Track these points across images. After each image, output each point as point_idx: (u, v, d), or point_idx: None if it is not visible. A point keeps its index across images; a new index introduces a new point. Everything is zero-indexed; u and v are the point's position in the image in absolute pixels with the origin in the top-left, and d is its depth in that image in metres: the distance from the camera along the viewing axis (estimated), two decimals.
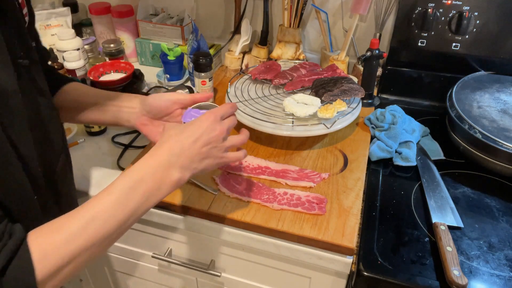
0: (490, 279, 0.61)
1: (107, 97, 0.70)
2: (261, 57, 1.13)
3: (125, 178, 0.50)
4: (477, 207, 0.74)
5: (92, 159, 0.87)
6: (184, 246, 0.83)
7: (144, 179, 0.50)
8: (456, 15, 0.95)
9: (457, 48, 0.99)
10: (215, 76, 1.15)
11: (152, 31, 1.21)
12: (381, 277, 0.62)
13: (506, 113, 0.84)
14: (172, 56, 1.10)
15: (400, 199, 0.76)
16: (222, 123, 0.57)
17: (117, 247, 0.91)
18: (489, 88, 0.93)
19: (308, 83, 0.93)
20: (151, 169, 0.51)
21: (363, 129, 0.94)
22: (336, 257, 0.67)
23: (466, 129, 0.81)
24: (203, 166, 0.55)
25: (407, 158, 0.83)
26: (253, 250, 0.75)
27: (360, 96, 0.88)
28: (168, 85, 1.12)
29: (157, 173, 0.51)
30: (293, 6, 1.07)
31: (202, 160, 0.55)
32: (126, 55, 1.26)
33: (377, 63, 0.99)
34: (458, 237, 0.68)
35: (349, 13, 1.12)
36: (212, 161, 0.56)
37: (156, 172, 0.51)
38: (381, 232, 0.69)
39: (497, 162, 0.77)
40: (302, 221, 0.69)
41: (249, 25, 1.12)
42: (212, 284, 0.87)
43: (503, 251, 0.66)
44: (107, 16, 1.24)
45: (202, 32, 1.05)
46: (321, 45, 1.19)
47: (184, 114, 0.64)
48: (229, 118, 0.59)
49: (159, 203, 0.71)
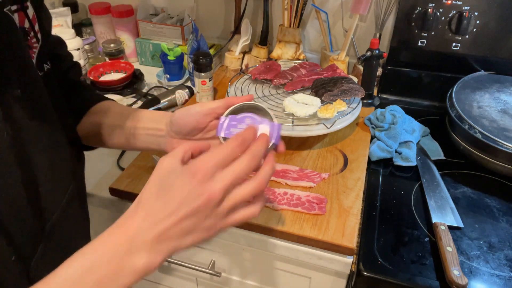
0: (490, 279, 0.61)
1: (133, 118, 0.59)
2: (261, 57, 1.13)
3: (71, 265, 0.37)
4: (477, 207, 0.74)
5: (92, 159, 0.87)
6: None
7: (95, 268, 0.36)
8: (456, 15, 0.95)
9: (457, 48, 0.99)
10: (215, 76, 1.15)
11: (152, 31, 1.21)
12: (381, 277, 0.62)
13: (506, 113, 0.84)
14: (172, 56, 1.10)
15: (400, 199, 0.76)
16: (219, 179, 0.39)
17: None
18: (489, 88, 0.93)
19: (308, 83, 0.93)
20: (106, 253, 0.37)
21: (363, 129, 0.94)
22: (336, 257, 0.67)
23: (466, 129, 0.81)
24: (187, 243, 0.39)
25: (407, 158, 0.83)
26: (253, 250, 0.75)
27: (360, 96, 0.88)
28: (168, 85, 1.12)
29: (114, 258, 0.37)
30: (293, 6, 1.07)
31: (184, 236, 0.39)
32: (126, 55, 1.26)
33: (377, 63, 0.99)
34: (458, 237, 0.68)
35: (349, 13, 1.12)
36: (202, 235, 0.40)
37: (113, 257, 0.37)
38: (381, 232, 0.69)
39: (497, 162, 0.77)
40: (302, 221, 0.69)
41: (249, 25, 1.12)
42: (212, 284, 0.87)
43: (503, 251, 0.66)
44: (107, 16, 1.24)
45: (202, 32, 1.05)
46: (321, 45, 1.19)
47: (218, 127, 0.49)
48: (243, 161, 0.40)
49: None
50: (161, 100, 0.99)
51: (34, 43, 0.48)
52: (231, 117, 0.50)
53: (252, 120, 0.49)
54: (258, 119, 0.49)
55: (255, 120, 0.49)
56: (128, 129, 0.59)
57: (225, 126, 0.49)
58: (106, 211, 0.81)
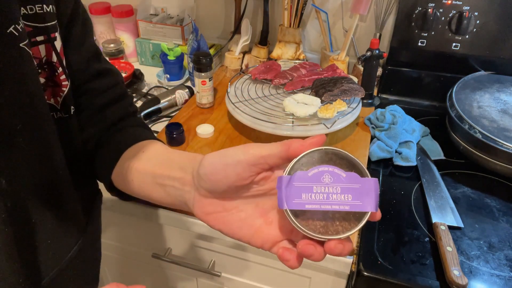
0: (490, 279, 0.61)
1: (159, 162, 0.45)
2: (261, 57, 1.13)
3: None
4: (477, 207, 0.74)
5: None
6: (184, 246, 0.83)
7: None
8: (456, 15, 0.95)
9: (457, 48, 0.99)
10: (215, 76, 1.15)
11: (152, 31, 1.21)
12: (381, 277, 0.62)
13: (506, 113, 0.84)
14: (172, 56, 1.10)
15: (400, 199, 0.76)
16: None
17: (117, 247, 0.91)
18: (489, 88, 0.92)
19: (308, 83, 0.93)
20: None
21: (363, 129, 0.94)
22: (336, 257, 0.67)
23: (466, 129, 0.81)
24: None
25: (407, 158, 0.83)
26: (253, 250, 0.75)
27: (360, 96, 0.88)
28: (168, 85, 1.12)
29: None
30: (293, 6, 1.06)
31: None
32: (126, 55, 1.26)
33: (377, 63, 0.99)
34: (458, 237, 0.68)
35: (349, 13, 1.12)
36: None
37: None
38: (381, 232, 0.69)
39: (497, 162, 0.77)
40: None
41: (249, 25, 1.12)
42: (212, 284, 0.87)
43: (503, 251, 0.66)
44: (107, 16, 1.24)
45: (202, 32, 1.05)
46: (321, 45, 1.19)
47: (279, 194, 0.33)
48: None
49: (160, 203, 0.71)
50: (161, 100, 0.99)
51: (63, 80, 0.42)
52: (298, 174, 0.33)
53: (334, 177, 0.33)
54: (342, 175, 0.33)
55: (338, 178, 0.33)
56: (155, 178, 0.44)
57: (293, 190, 0.33)
58: (106, 212, 0.81)
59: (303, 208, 0.32)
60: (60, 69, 0.42)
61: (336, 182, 0.33)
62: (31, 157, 0.38)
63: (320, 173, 0.33)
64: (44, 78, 0.42)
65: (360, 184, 0.33)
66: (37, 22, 0.39)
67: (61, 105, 0.44)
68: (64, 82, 0.43)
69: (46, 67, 0.42)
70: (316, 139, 0.34)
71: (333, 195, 0.33)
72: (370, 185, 0.33)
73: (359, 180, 0.33)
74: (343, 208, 0.32)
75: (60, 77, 0.42)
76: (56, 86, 0.43)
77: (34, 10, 0.38)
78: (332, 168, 0.33)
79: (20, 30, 0.35)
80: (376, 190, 0.33)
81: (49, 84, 0.43)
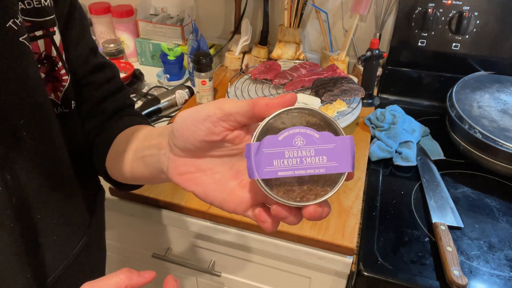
0: (490, 279, 0.61)
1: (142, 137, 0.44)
2: (261, 57, 1.13)
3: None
4: (477, 207, 0.74)
5: None
6: (184, 246, 0.83)
7: None
8: (456, 15, 0.95)
9: (457, 48, 0.99)
10: (215, 76, 1.15)
11: (152, 31, 1.21)
12: (381, 277, 0.62)
13: (506, 113, 0.84)
14: (172, 56, 1.10)
15: (400, 199, 0.76)
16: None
17: (117, 247, 0.91)
18: (489, 88, 0.92)
19: (308, 83, 0.93)
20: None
21: (363, 129, 0.94)
22: (336, 257, 0.67)
23: (466, 129, 0.81)
24: None
25: (407, 158, 0.83)
26: (253, 250, 0.75)
27: (360, 96, 0.88)
28: (168, 85, 1.12)
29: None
30: (293, 6, 1.06)
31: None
32: (126, 55, 1.26)
33: (377, 63, 0.99)
34: (458, 237, 0.68)
35: (349, 13, 1.12)
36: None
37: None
38: (381, 232, 0.69)
39: (497, 162, 0.77)
40: (302, 221, 0.69)
41: (249, 25, 1.12)
42: (212, 284, 0.87)
43: (503, 251, 0.66)
44: (107, 16, 1.24)
45: (202, 32, 1.05)
46: (321, 45, 1.19)
47: (248, 162, 0.30)
48: None
49: (160, 202, 0.69)
50: (161, 100, 0.99)
51: (63, 75, 0.42)
52: (268, 139, 0.30)
53: (307, 138, 0.30)
54: (315, 136, 0.31)
55: (311, 139, 0.30)
56: (137, 151, 0.43)
57: (263, 157, 0.30)
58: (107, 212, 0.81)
59: (276, 176, 0.30)
60: (60, 63, 0.42)
61: (309, 144, 0.30)
62: (36, 151, 0.38)
63: (292, 136, 0.30)
64: (44, 73, 0.41)
65: (334, 143, 0.31)
66: (36, 17, 0.38)
67: (61, 100, 0.44)
68: (64, 76, 0.43)
69: (45, 62, 0.41)
70: (285, 97, 0.31)
71: (307, 158, 0.30)
72: (345, 144, 0.31)
73: (333, 139, 0.31)
74: (318, 172, 0.30)
75: (60, 71, 0.42)
76: (56, 81, 0.43)
77: (32, 5, 0.38)
78: (304, 129, 0.30)
79: (19, 24, 0.34)
80: (351, 149, 0.31)
81: (49, 79, 0.42)
